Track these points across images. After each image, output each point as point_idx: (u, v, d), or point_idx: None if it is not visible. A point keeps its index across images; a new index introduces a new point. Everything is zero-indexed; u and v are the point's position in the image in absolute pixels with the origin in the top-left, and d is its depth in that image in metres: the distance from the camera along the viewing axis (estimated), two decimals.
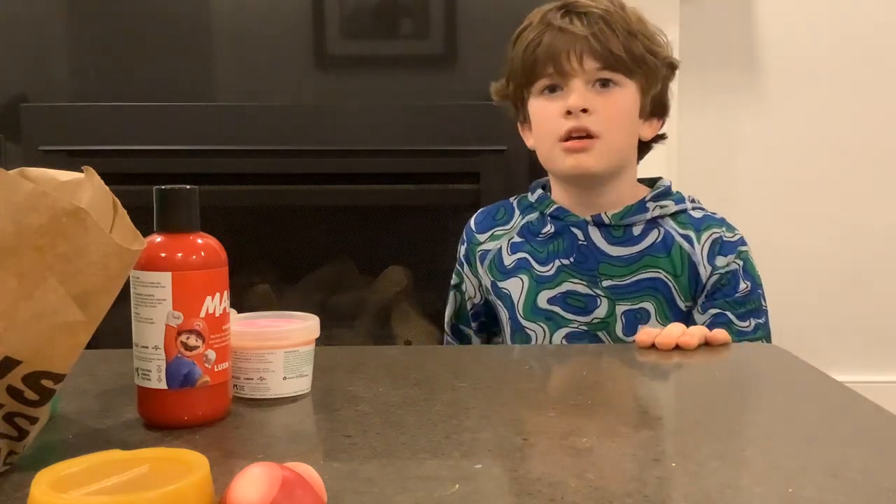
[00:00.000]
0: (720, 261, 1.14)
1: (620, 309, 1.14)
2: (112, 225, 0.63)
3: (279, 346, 0.77)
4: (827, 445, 0.65)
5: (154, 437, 0.68)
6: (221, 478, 0.51)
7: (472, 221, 1.28)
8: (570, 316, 1.16)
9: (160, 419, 0.70)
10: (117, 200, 0.64)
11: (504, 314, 1.21)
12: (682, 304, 1.14)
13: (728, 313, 1.14)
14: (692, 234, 1.15)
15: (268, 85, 1.81)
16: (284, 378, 0.77)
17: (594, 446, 0.64)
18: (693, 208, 1.18)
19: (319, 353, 0.82)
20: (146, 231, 0.68)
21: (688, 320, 1.15)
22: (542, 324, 1.17)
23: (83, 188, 0.65)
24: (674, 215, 1.16)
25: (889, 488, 0.56)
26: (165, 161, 1.74)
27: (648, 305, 1.13)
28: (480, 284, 1.25)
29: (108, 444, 0.66)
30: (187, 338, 0.68)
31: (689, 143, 2.08)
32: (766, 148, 2.19)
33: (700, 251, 1.14)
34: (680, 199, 1.18)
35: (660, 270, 1.14)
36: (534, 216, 1.21)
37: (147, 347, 0.69)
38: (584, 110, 1.11)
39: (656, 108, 1.19)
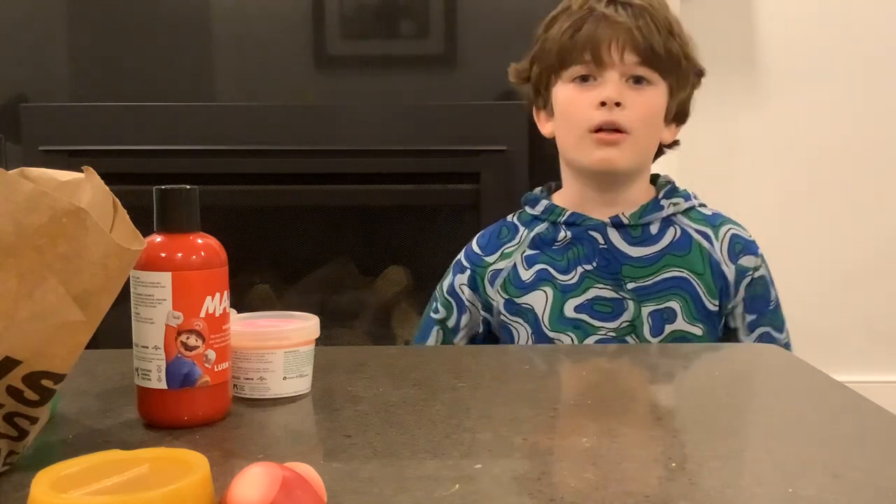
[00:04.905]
0: (747, 261, 1.13)
1: (646, 310, 1.11)
2: (112, 225, 0.63)
3: (279, 346, 0.77)
4: (827, 445, 0.65)
5: (154, 437, 0.68)
6: (221, 478, 0.51)
7: (473, 247, 1.21)
8: (598, 323, 1.12)
9: (160, 419, 0.70)
10: (117, 200, 0.64)
11: (525, 330, 1.15)
12: (708, 304, 1.12)
13: (771, 331, 1.14)
14: (709, 231, 1.14)
15: (268, 85, 1.81)
16: (284, 378, 0.77)
17: (594, 446, 0.64)
18: (699, 205, 1.18)
19: (319, 353, 0.82)
20: (146, 231, 0.68)
21: (717, 321, 1.13)
22: (569, 333, 1.13)
23: (83, 188, 0.65)
24: (685, 212, 1.15)
25: (889, 488, 0.56)
26: (165, 161, 1.74)
27: (674, 305, 1.11)
28: (488, 309, 1.18)
29: (108, 444, 0.66)
30: (187, 338, 0.68)
31: (689, 142, 2.07)
32: (765, 148, 2.19)
33: (720, 249, 1.13)
34: (687, 195, 1.17)
35: (683, 269, 1.12)
36: (543, 227, 1.16)
37: (147, 347, 0.69)
38: (618, 104, 1.09)
39: (679, 113, 1.19)
